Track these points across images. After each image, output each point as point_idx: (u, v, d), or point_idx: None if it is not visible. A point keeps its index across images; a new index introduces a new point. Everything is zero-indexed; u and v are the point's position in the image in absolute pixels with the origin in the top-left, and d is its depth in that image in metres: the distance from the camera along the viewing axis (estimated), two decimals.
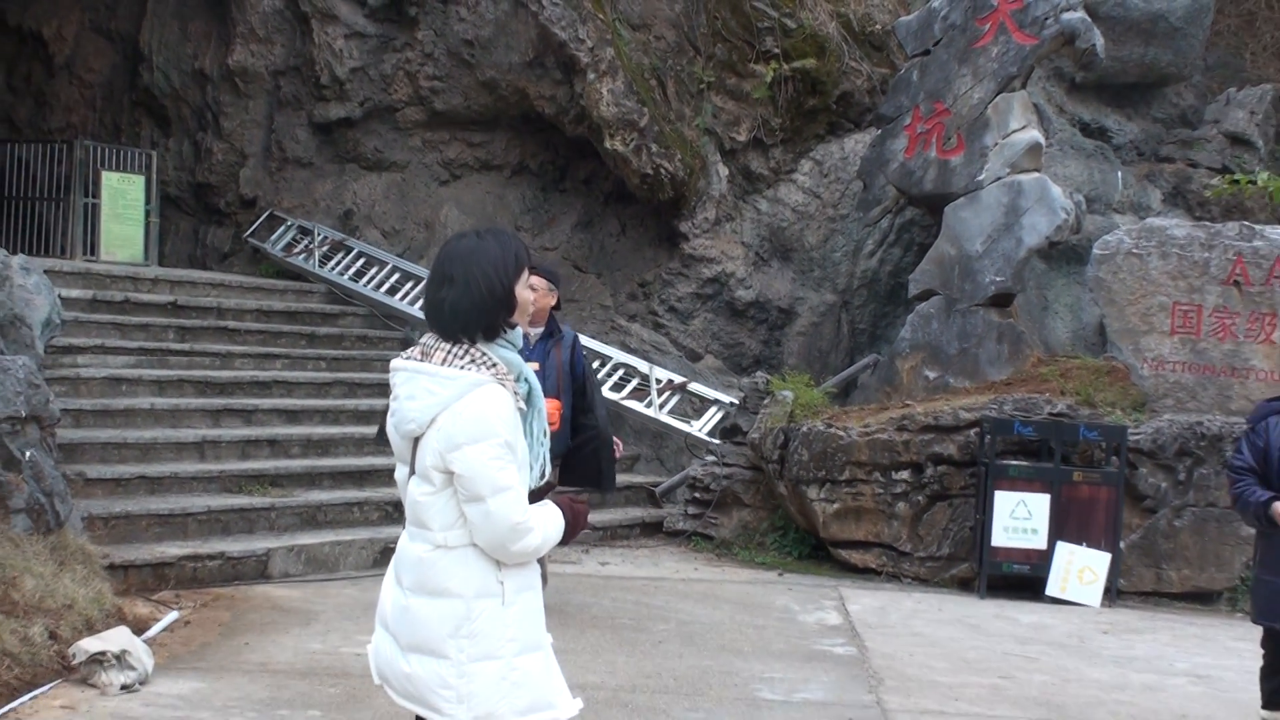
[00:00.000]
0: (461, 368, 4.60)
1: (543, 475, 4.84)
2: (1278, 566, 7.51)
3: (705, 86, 18.33)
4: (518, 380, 4.73)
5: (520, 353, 6.92)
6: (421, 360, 4.70)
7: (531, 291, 4.93)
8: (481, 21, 18.17)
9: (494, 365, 4.63)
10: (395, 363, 4.81)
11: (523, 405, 4.72)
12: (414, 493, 4.75)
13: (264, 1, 19.45)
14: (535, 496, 4.74)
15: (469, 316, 4.65)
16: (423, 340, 4.80)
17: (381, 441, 9.02)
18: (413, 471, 4.77)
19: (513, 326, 4.75)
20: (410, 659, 4.71)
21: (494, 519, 4.52)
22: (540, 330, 10.57)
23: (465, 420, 4.53)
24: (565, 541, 4.89)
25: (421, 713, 4.73)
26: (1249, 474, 7.53)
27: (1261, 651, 7.90)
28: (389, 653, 4.81)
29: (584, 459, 10.55)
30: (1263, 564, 7.77)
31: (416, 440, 4.70)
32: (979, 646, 11.18)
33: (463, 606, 4.63)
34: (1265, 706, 7.83)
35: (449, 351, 4.65)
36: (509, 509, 4.52)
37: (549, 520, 4.69)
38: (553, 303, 10.70)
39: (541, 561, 4.97)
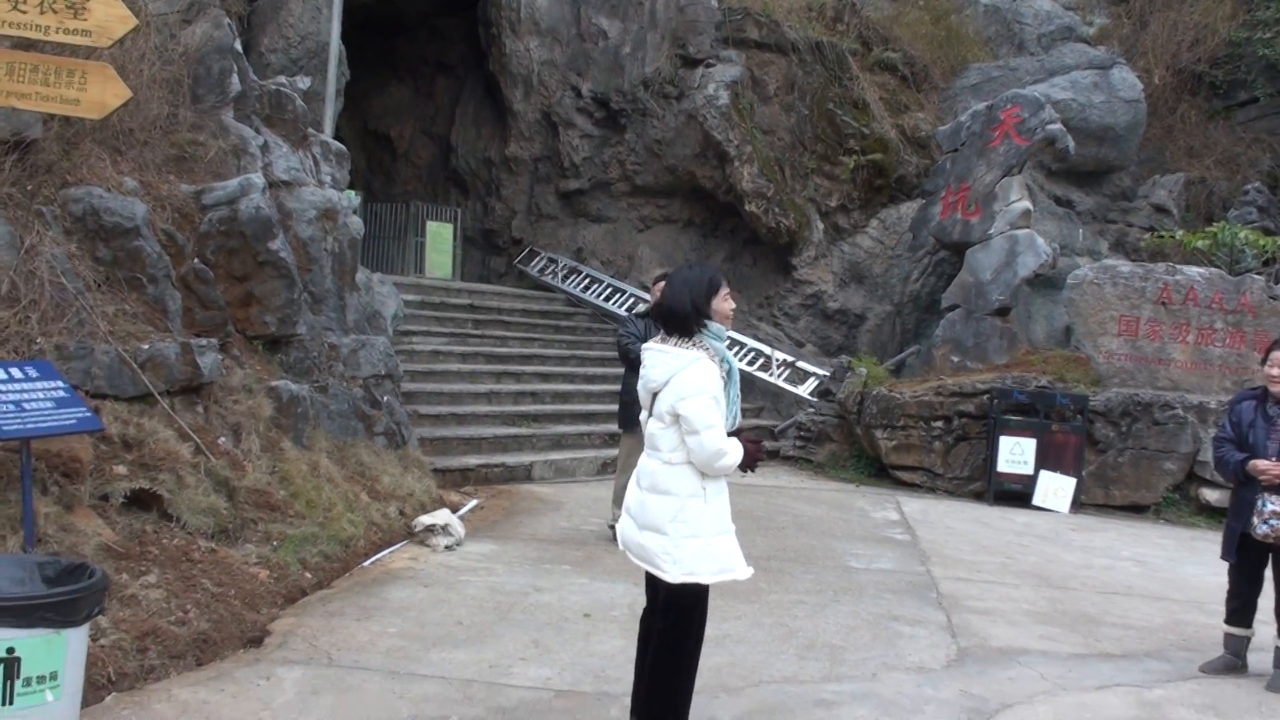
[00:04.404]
0: (685, 349, 4.70)
1: (734, 421, 4.81)
2: (1239, 515, 6.74)
3: (810, 171, 18.06)
4: (722, 362, 4.79)
5: (651, 338, 6.81)
6: (662, 344, 4.82)
7: (726, 303, 4.83)
8: (666, 128, 18.06)
9: (705, 348, 4.71)
10: (645, 346, 4.99)
11: (724, 376, 4.74)
12: (651, 427, 4.86)
13: (529, 114, 19.50)
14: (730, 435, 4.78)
15: (676, 317, 4.77)
16: (661, 332, 4.91)
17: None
18: (650, 414, 4.87)
19: (704, 327, 4.76)
20: (644, 534, 4.77)
21: (705, 445, 4.60)
22: None
23: (688, 382, 4.64)
24: (744, 468, 4.83)
25: (649, 569, 4.79)
26: (1228, 443, 6.86)
27: (1227, 579, 6.99)
28: (630, 529, 4.87)
29: None
30: (1231, 512, 6.90)
31: (655, 394, 4.80)
32: (990, 537, 10.89)
33: (678, 502, 4.69)
34: (1227, 621, 6.94)
35: (677, 340, 4.77)
36: (714, 439, 4.60)
37: (736, 449, 4.69)
38: None
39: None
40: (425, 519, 8.81)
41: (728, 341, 4.93)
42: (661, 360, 4.75)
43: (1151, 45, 20.13)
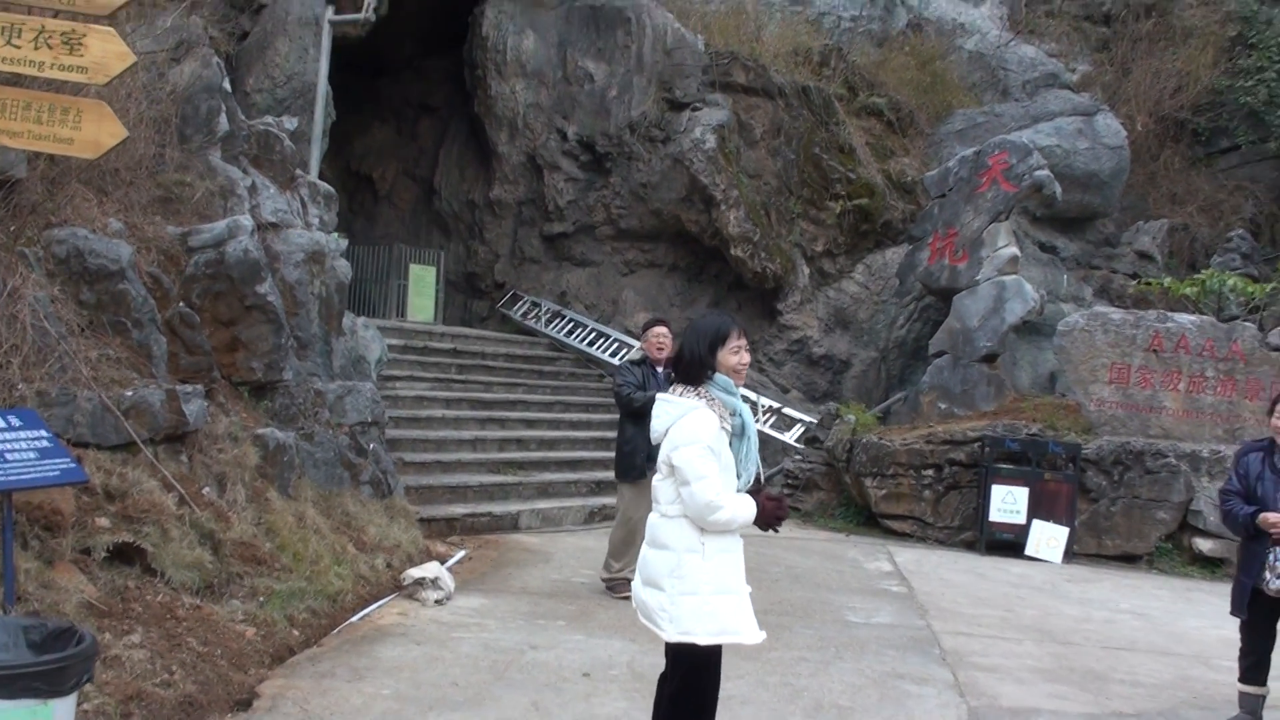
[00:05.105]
0: (686, 399, 4.60)
1: (749, 480, 4.69)
2: (1249, 569, 6.55)
3: (796, 215, 17.99)
4: (733, 414, 4.64)
5: (650, 386, 6.74)
6: (669, 394, 4.70)
7: (735, 356, 4.65)
8: (652, 172, 17.96)
9: (709, 399, 4.58)
10: (657, 396, 4.81)
11: (726, 427, 4.58)
12: (654, 479, 4.72)
13: (513, 157, 19.35)
14: (751, 494, 4.65)
15: (682, 366, 4.68)
16: (674, 383, 4.77)
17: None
18: None
19: (710, 378, 4.63)
20: (645, 590, 4.66)
21: (695, 497, 4.45)
22: (664, 370, 8.74)
23: (683, 430, 4.52)
24: (762, 525, 4.69)
25: (650, 627, 4.64)
26: (1236, 496, 6.68)
27: (1238, 635, 6.79)
28: (637, 585, 4.77)
29: None
30: (1240, 567, 6.71)
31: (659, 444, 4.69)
32: (986, 588, 10.71)
33: (675, 557, 4.55)
34: (1240, 680, 6.75)
35: (682, 390, 4.65)
36: (705, 491, 4.44)
37: (740, 505, 4.53)
38: (673, 346, 8.80)
39: None
40: (415, 572, 8.54)
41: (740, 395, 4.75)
42: (664, 409, 4.65)
43: (1134, 92, 20.23)
